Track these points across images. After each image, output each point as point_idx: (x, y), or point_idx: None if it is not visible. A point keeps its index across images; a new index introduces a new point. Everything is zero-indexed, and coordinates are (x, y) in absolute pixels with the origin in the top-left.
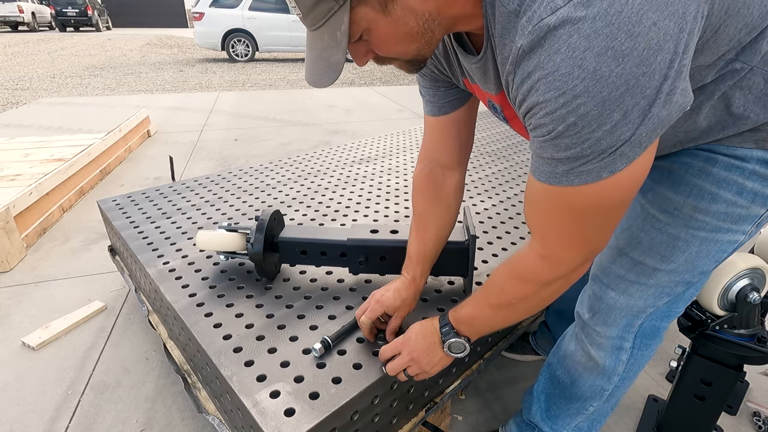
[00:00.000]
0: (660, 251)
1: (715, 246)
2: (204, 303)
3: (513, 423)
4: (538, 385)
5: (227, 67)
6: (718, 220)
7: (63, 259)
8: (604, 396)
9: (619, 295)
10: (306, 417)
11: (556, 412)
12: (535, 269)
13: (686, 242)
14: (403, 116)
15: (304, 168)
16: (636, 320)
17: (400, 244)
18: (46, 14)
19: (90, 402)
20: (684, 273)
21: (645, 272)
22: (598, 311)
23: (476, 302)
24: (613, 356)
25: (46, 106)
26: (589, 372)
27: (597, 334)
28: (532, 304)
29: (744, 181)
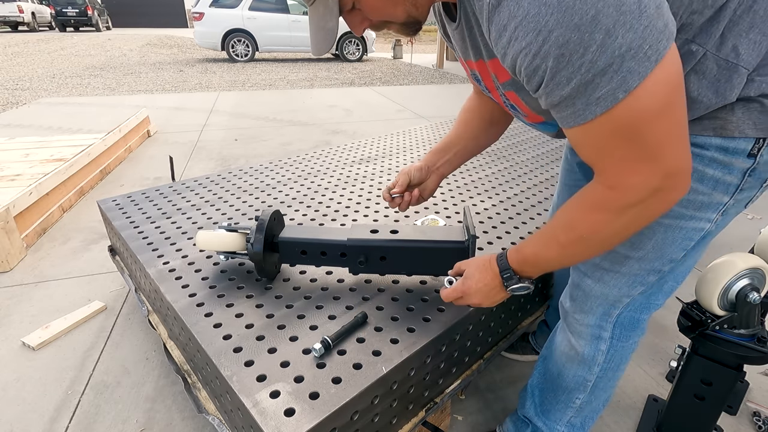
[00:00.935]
0: (630, 239)
1: (680, 233)
2: (204, 303)
3: (509, 420)
4: (532, 380)
5: (227, 67)
6: (680, 206)
7: (63, 259)
8: (587, 387)
9: (594, 282)
10: (306, 417)
11: (547, 406)
12: (606, 198)
13: (651, 229)
14: (403, 116)
15: (304, 168)
16: (613, 309)
17: (400, 244)
18: (46, 14)
19: (90, 402)
20: (653, 260)
21: (617, 260)
22: (576, 298)
23: (543, 240)
24: (592, 345)
25: (46, 106)
26: (571, 362)
27: (576, 321)
28: (605, 237)
29: (704, 169)
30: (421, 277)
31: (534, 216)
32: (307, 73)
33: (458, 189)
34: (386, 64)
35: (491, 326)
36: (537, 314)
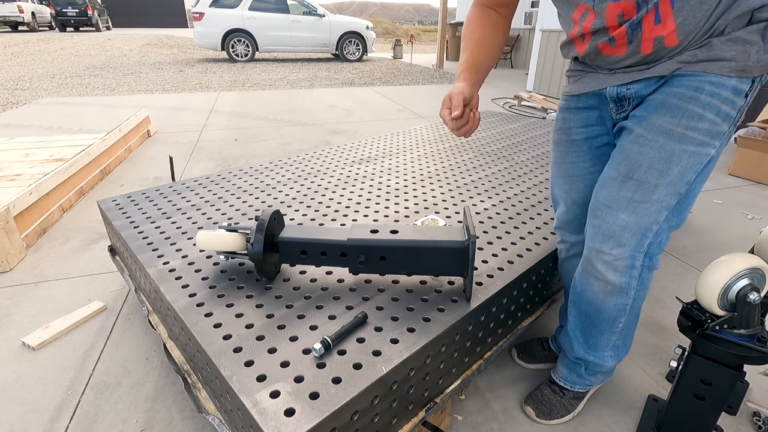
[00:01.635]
0: (659, 167)
1: (697, 158)
2: (204, 303)
3: (561, 366)
4: (569, 326)
5: (227, 67)
6: (702, 135)
7: (63, 259)
8: (626, 310)
9: (629, 215)
10: (306, 417)
11: (593, 341)
12: None
13: (679, 156)
14: (403, 116)
15: (304, 168)
16: (644, 239)
17: (400, 244)
18: (46, 14)
19: (90, 402)
20: (676, 184)
21: (648, 189)
22: (611, 235)
23: None
24: (627, 275)
25: (46, 106)
26: (609, 295)
27: (612, 257)
28: None
29: (720, 105)
30: (421, 277)
31: (534, 216)
32: (307, 73)
33: (458, 189)
34: (386, 64)
35: (491, 326)
36: (536, 314)
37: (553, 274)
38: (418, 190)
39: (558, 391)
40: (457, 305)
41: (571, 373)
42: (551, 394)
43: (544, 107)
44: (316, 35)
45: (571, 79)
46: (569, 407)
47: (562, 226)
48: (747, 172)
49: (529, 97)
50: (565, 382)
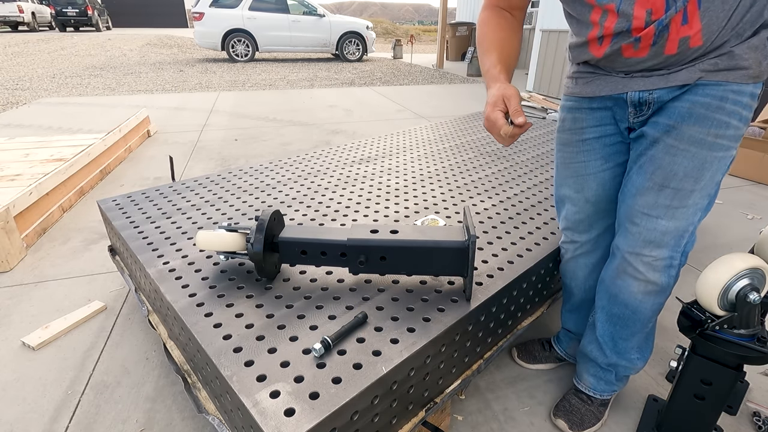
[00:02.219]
0: (693, 175)
1: (724, 162)
2: (204, 303)
3: (588, 376)
4: (598, 332)
5: (227, 67)
6: (729, 141)
7: (63, 259)
8: (660, 310)
9: (668, 221)
10: (306, 417)
11: (623, 344)
12: None
13: (710, 162)
14: (403, 116)
15: (304, 168)
16: (682, 240)
17: (400, 244)
18: (46, 14)
19: (90, 402)
20: (708, 187)
21: (685, 196)
22: (652, 241)
23: None
24: (666, 273)
25: (46, 106)
26: (649, 295)
27: (653, 258)
28: None
29: (742, 111)
30: (421, 277)
31: (534, 216)
32: (307, 73)
33: (458, 189)
34: (386, 64)
35: (491, 326)
36: (536, 314)
37: (553, 274)
38: (418, 190)
39: (586, 400)
40: (457, 305)
41: (600, 381)
42: (579, 403)
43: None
44: (316, 35)
45: (579, 81)
46: (599, 415)
47: (571, 227)
48: (747, 172)
49: (529, 97)
50: (594, 391)
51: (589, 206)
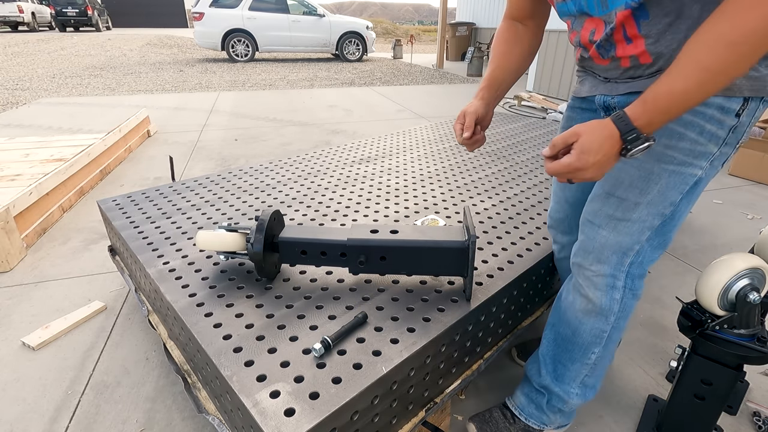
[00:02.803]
0: (638, 185)
1: (679, 178)
2: (204, 303)
3: (520, 394)
4: (542, 349)
5: (227, 67)
6: (683, 154)
7: (63, 259)
8: (603, 339)
9: (609, 232)
10: (306, 417)
11: (561, 371)
12: None
13: (658, 175)
14: (403, 116)
15: (304, 168)
16: (625, 258)
17: (400, 244)
18: (46, 14)
19: (90, 402)
20: (658, 204)
21: (629, 207)
22: (592, 250)
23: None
24: (608, 295)
25: (46, 106)
26: (588, 315)
27: (593, 273)
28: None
29: (704, 124)
30: (421, 277)
31: (534, 216)
32: (307, 73)
33: (458, 189)
34: (386, 64)
35: (491, 326)
36: (537, 314)
37: (553, 274)
38: (418, 190)
39: (509, 417)
40: (457, 305)
41: (530, 403)
42: (501, 418)
43: (544, 107)
44: (316, 35)
45: (577, 80)
46: None
47: (554, 225)
48: (747, 172)
49: (529, 97)
50: (520, 411)
51: (568, 207)
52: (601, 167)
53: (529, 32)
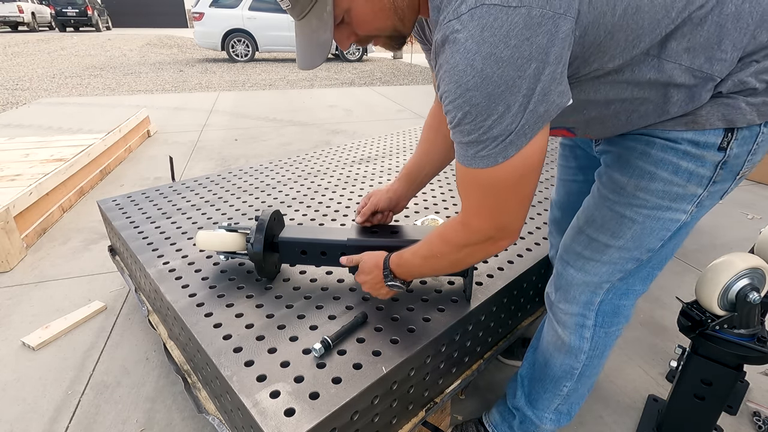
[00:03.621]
0: (610, 228)
1: (657, 223)
2: (204, 303)
3: (496, 411)
4: (522, 370)
5: (227, 67)
6: (657, 197)
7: (63, 259)
8: (574, 375)
9: (576, 271)
10: (306, 417)
11: (536, 395)
12: (455, 233)
13: (631, 219)
14: (403, 116)
15: (304, 168)
16: (594, 297)
17: (400, 245)
18: (46, 14)
19: (90, 402)
20: (632, 249)
21: (598, 249)
22: (560, 288)
23: (412, 252)
24: (577, 334)
25: (46, 106)
26: (558, 351)
27: (561, 311)
28: (449, 261)
29: (678, 161)
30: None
31: (534, 216)
32: (307, 73)
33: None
34: (386, 64)
35: (491, 326)
36: (536, 314)
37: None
38: None
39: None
40: (457, 305)
41: (503, 422)
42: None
43: None
44: None
45: None
46: None
47: (549, 225)
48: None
49: None
50: (494, 429)
51: (555, 210)
52: (372, 287)
53: None
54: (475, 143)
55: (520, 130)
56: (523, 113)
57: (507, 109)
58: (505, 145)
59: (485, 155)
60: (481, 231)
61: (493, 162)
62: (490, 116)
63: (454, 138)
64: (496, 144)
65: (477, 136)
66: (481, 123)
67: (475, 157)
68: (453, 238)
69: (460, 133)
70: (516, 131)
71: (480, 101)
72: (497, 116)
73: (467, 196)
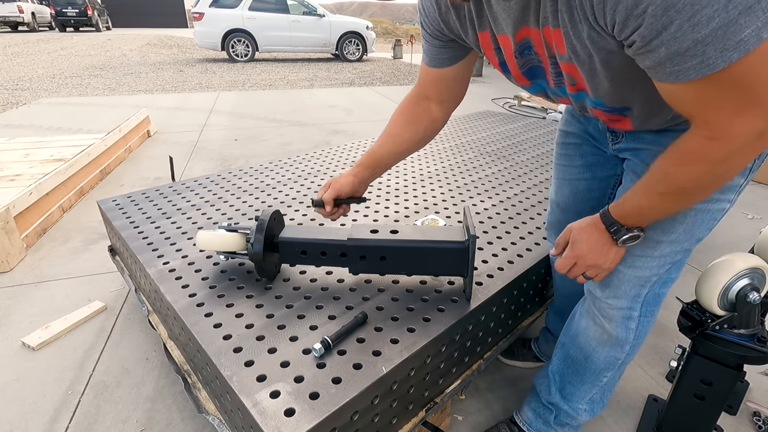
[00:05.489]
0: (661, 225)
1: (707, 215)
2: (204, 303)
3: (528, 409)
4: (552, 367)
5: (227, 67)
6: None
7: (63, 259)
8: (617, 365)
9: (626, 268)
10: (306, 417)
11: (570, 389)
12: (708, 149)
13: (683, 214)
14: None
15: (304, 168)
16: (643, 290)
17: (400, 244)
18: (46, 14)
19: (90, 402)
20: (683, 242)
21: (650, 245)
22: (609, 285)
23: (643, 192)
24: (624, 326)
25: (46, 106)
26: (603, 345)
27: (609, 306)
28: (706, 184)
29: None
30: (421, 277)
31: (534, 216)
32: (307, 73)
33: (458, 189)
34: (386, 64)
35: (491, 326)
36: (536, 314)
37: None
38: (418, 190)
39: None
40: (457, 305)
41: (538, 418)
42: None
43: (545, 107)
44: (316, 35)
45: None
46: None
47: (549, 227)
48: None
49: (529, 97)
50: (528, 427)
51: (558, 211)
52: (600, 252)
53: (431, 116)
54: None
55: None
56: None
57: None
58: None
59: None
60: (744, 132)
61: (755, 41)
62: None
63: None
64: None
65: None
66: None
67: (725, 51)
68: (705, 155)
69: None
70: None
71: None
72: None
73: (710, 107)
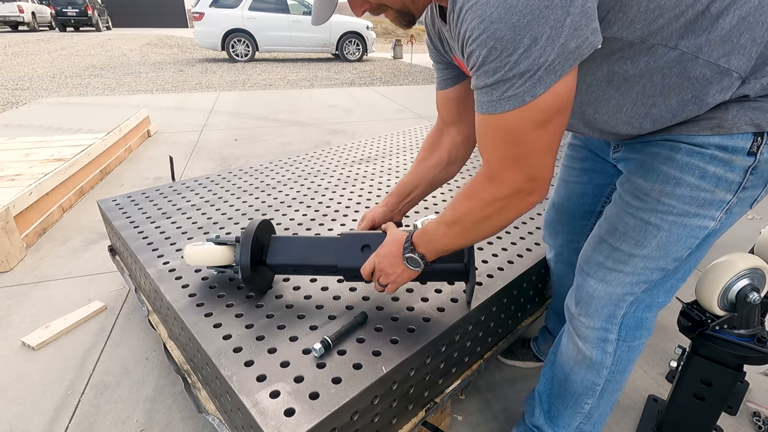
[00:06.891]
0: (633, 236)
1: (684, 231)
2: (204, 303)
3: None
4: (539, 386)
5: (227, 67)
6: (683, 203)
7: (63, 259)
8: (596, 392)
9: (597, 282)
10: (306, 417)
11: (556, 413)
12: (480, 188)
13: (656, 227)
14: (403, 116)
15: (304, 168)
16: (617, 310)
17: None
18: (46, 14)
19: (90, 402)
20: (658, 259)
21: (621, 259)
22: (580, 300)
23: (437, 220)
24: (599, 348)
25: (46, 106)
26: (579, 366)
27: (582, 325)
28: (476, 220)
29: (705, 165)
30: None
31: (534, 216)
32: (307, 73)
33: (458, 189)
34: (386, 64)
35: (491, 326)
36: (536, 314)
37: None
38: None
39: None
40: (457, 305)
41: None
42: None
43: None
44: (316, 35)
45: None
46: None
47: (545, 226)
48: None
49: None
50: None
51: (553, 211)
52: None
53: (451, 140)
54: (501, 83)
55: (550, 66)
56: (552, 47)
57: (534, 42)
58: (533, 83)
59: (512, 95)
60: (509, 182)
61: (520, 102)
62: (516, 50)
63: (477, 85)
64: (523, 81)
65: (503, 74)
66: (507, 58)
67: (500, 100)
68: (479, 192)
69: (485, 75)
70: (545, 67)
71: (505, 34)
72: (524, 49)
73: (492, 147)
